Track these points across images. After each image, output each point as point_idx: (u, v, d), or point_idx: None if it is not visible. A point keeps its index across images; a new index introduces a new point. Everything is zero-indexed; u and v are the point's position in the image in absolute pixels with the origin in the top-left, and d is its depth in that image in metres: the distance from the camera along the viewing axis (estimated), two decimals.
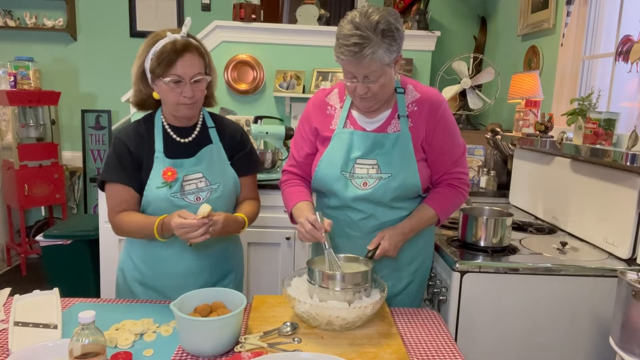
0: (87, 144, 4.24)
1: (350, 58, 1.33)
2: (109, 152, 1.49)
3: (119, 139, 1.48)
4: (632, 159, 1.56)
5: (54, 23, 4.04)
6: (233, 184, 1.55)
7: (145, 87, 1.46)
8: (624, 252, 1.71)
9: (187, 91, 1.39)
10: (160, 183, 1.44)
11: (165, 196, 1.44)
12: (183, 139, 1.50)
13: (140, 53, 1.44)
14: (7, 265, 4.09)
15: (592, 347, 1.67)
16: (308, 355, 1.05)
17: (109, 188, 1.48)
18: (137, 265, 1.54)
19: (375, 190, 1.49)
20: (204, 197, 1.47)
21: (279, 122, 3.06)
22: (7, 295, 1.43)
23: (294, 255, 2.70)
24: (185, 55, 1.37)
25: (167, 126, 1.50)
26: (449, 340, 1.28)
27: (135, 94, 1.49)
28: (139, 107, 1.53)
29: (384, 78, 1.39)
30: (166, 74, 1.37)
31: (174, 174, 1.44)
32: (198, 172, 1.48)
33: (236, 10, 3.24)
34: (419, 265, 1.63)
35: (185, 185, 1.46)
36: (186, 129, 1.52)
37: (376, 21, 1.31)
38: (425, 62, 3.41)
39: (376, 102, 1.48)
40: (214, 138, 1.54)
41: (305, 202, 1.54)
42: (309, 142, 1.60)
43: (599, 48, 2.37)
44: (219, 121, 1.59)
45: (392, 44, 1.34)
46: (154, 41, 1.41)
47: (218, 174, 1.51)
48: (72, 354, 0.93)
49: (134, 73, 1.46)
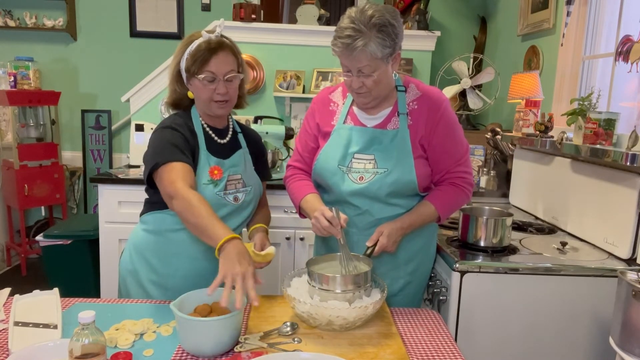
0: (87, 144, 4.24)
1: (343, 50, 1.38)
2: (159, 138, 1.42)
3: (171, 127, 1.44)
4: (632, 159, 1.56)
5: (54, 23, 4.04)
6: (259, 188, 1.61)
7: (180, 87, 1.50)
8: (624, 252, 1.71)
9: (220, 88, 1.44)
10: (207, 180, 1.46)
11: (211, 193, 1.45)
12: (220, 140, 1.54)
13: (176, 53, 1.48)
14: (7, 265, 4.09)
15: (592, 347, 1.67)
16: (308, 355, 1.05)
17: (175, 165, 1.36)
18: (154, 266, 1.52)
19: (371, 184, 1.50)
20: (240, 198, 1.52)
21: (279, 122, 3.06)
22: (7, 295, 1.43)
23: (294, 255, 2.70)
24: (219, 54, 1.43)
25: (205, 125, 1.53)
26: (449, 340, 1.28)
27: (171, 94, 1.53)
28: (174, 106, 1.56)
29: (378, 73, 1.41)
30: (201, 71, 1.42)
31: (220, 172, 1.48)
32: (238, 173, 1.53)
33: (236, 10, 3.24)
34: (417, 266, 1.63)
35: (228, 185, 1.50)
36: (221, 130, 1.56)
37: (370, 15, 1.36)
38: (425, 62, 3.41)
39: (373, 99, 1.49)
40: (242, 143, 1.60)
41: (313, 194, 1.56)
42: (313, 137, 1.63)
43: (599, 48, 2.37)
44: (243, 127, 1.66)
45: (385, 38, 1.37)
46: (189, 41, 1.45)
47: (250, 177, 1.57)
48: (72, 354, 0.93)
49: (170, 73, 1.50)
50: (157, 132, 1.46)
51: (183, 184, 1.33)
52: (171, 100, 1.54)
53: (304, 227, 2.61)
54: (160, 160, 1.38)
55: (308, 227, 1.63)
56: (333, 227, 1.41)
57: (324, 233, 1.45)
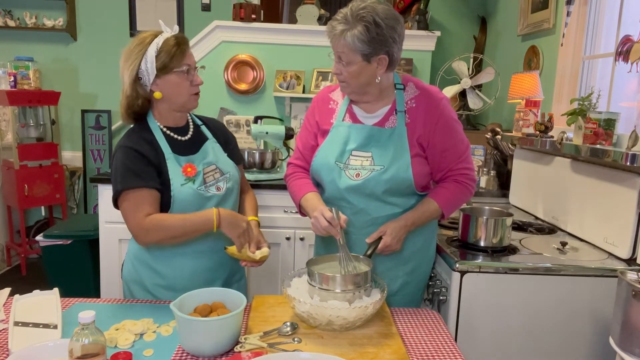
0: (87, 144, 4.24)
1: (328, 33, 1.46)
2: (117, 163, 1.43)
3: (126, 147, 1.44)
4: (632, 159, 1.56)
5: (54, 23, 4.04)
6: (237, 172, 1.61)
7: (142, 90, 1.45)
8: (624, 252, 1.71)
9: (197, 78, 1.48)
10: (183, 180, 1.46)
11: (192, 191, 1.46)
12: (182, 137, 1.53)
13: (131, 59, 1.42)
14: (7, 265, 4.09)
15: (592, 347, 1.67)
16: (308, 355, 1.05)
17: (130, 195, 1.41)
18: (159, 271, 1.51)
19: (367, 181, 1.51)
20: (222, 186, 1.53)
21: (279, 122, 3.06)
22: (7, 295, 1.43)
23: (294, 255, 2.70)
24: (188, 46, 1.48)
25: (164, 128, 1.51)
26: (449, 340, 1.28)
27: (131, 102, 1.45)
28: (135, 117, 1.49)
29: (355, 68, 1.45)
30: (182, 64, 1.43)
31: (193, 169, 1.48)
32: (212, 163, 1.53)
33: (236, 10, 3.24)
34: (415, 266, 1.63)
35: (206, 177, 1.51)
36: (181, 128, 1.54)
37: (362, 7, 1.40)
38: (425, 62, 3.41)
39: (352, 92, 1.54)
40: (207, 134, 1.60)
41: (313, 192, 1.57)
42: (313, 135, 1.64)
43: (599, 48, 2.37)
44: (204, 119, 1.66)
45: (364, 32, 1.39)
46: (146, 43, 1.42)
47: (225, 164, 1.58)
48: (72, 354, 0.93)
49: (128, 80, 1.44)
50: (115, 154, 1.46)
51: (141, 217, 1.39)
52: (132, 109, 1.47)
53: (304, 227, 2.61)
54: (124, 188, 1.41)
55: (308, 227, 1.63)
56: (332, 227, 1.42)
57: (323, 233, 1.45)
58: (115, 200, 1.45)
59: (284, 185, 1.73)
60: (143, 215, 1.40)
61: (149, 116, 1.51)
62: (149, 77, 1.43)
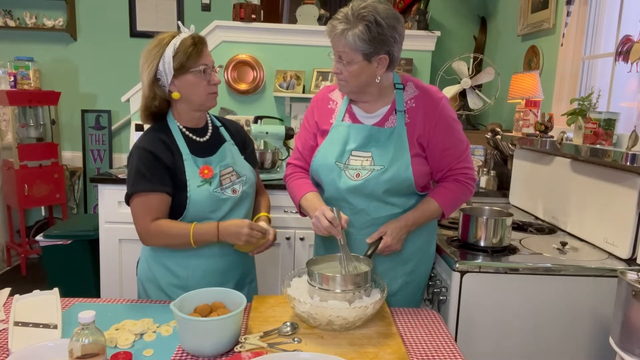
0: (87, 144, 4.24)
1: (329, 33, 1.46)
2: (131, 164, 1.45)
3: (141, 148, 1.44)
4: (632, 159, 1.56)
5: (54, 23, 4.04)
6: (253, 175, 1.62)
7: (161, 91, 1.45)
8: (624, 252, 1.71)
9: (215, 77, 1.48)
10: (200, 181, 1.47)
11: (208, 193, 1.47)
12: (201, 138, 1.54)
13: (149, 60, 1.43)
14: (7, 265, 4.09)
15: (592, 347, 1.67)
16: (308, 355, 1.05)
17: (140, 198, 1.43)
18: (174, 270, 1.52)
19: (367, 181, 1.51)
20: (238, 189, 1.53)
21: (279, 122, 3.06)
22: (7, 295, 1.43)
23: (294, 255, 2.70)
24: (206, 46, 1.47)
25: (184, 129, 1.51)
26: (449, 340, 1.28)
27: (149, 103, 1.46)
28: (153, 117, 1.51)
29: (356, 68, 1.45)
30: (199, 63, 1.43)
31: (210, 171, 1.48)
32: (229, 166, 1.54)
33: (236, 10, 3.24)
34: (415, 266, 1.63)
35: (222, 180, 1.51)
36: (200, 129, 1.55)
37: (363, 7, 1.40)
38: (425, 62, 3.41)
39: (349, 90, 1.53)
40: (225, 136, 1.60)
41: (313, 192, 1.57)
42: (312, 135, 1.64)
43: (599, 48, 2.37)
44: (223, 120, 1.65)
45: (364, 32, 1.39)
46: (163, 44, 1.42)
47: (242, 167, 1.58)
48: (72, 354, 0.93)
49: (146, 81, 1.44)
50: (131, 155, 1.47)
51: (148, 221, 1.43)
52: (149, 111, 1.48)
53: (304, 227, 2.61)
54: (136, 190, 1.44)
55: (308, 227, 1.63)
56: (334, 227, 1.42)
57: (324, 233, 1.45)
58: (127, 201, 1.49)
59: (284, 185, 1.72)
60: (149, 220, 1.43)
61: (169, 116, 1.52)
62: (167, 78, 1.43)
